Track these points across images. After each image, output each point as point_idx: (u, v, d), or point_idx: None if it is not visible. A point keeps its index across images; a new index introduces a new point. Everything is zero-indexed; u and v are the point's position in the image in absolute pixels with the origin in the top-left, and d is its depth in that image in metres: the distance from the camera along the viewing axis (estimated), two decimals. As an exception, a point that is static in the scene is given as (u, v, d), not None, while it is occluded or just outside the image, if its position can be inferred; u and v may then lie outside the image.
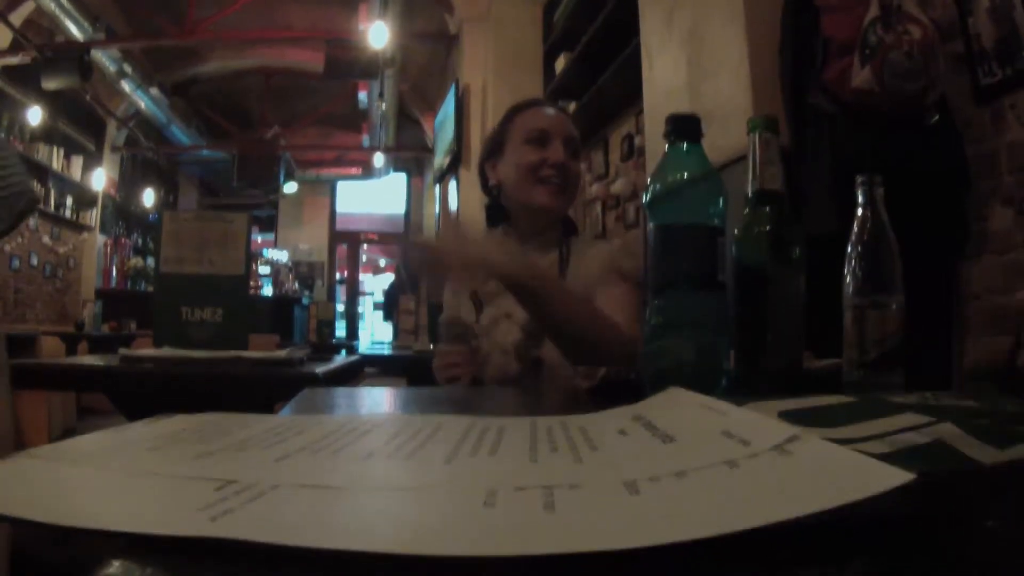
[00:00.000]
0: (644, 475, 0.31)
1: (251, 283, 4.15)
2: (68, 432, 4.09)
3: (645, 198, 0.73)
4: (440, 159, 7.03)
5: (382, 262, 11.91)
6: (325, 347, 3.94)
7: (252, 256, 3.18)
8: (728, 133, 2.21)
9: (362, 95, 8.04)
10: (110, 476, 0.34)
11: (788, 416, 0.47)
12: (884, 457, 0.36)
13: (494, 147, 1.43)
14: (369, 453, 0.40)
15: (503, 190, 1.40)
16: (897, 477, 0.26)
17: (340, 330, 9.55)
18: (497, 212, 1.44)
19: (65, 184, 7.58)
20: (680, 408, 0.47)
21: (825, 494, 0.25)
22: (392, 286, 6.16)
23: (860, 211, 0.75)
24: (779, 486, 0.29)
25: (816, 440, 0.33)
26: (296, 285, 9.48)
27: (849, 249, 0.75)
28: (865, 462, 0.29)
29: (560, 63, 4.42)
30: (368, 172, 10.50)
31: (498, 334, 1.33)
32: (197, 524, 0.25)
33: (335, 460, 0.38)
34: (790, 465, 0.31)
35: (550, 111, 1.42)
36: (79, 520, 0.26)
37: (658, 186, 0.72)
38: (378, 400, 0.85)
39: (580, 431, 0.45)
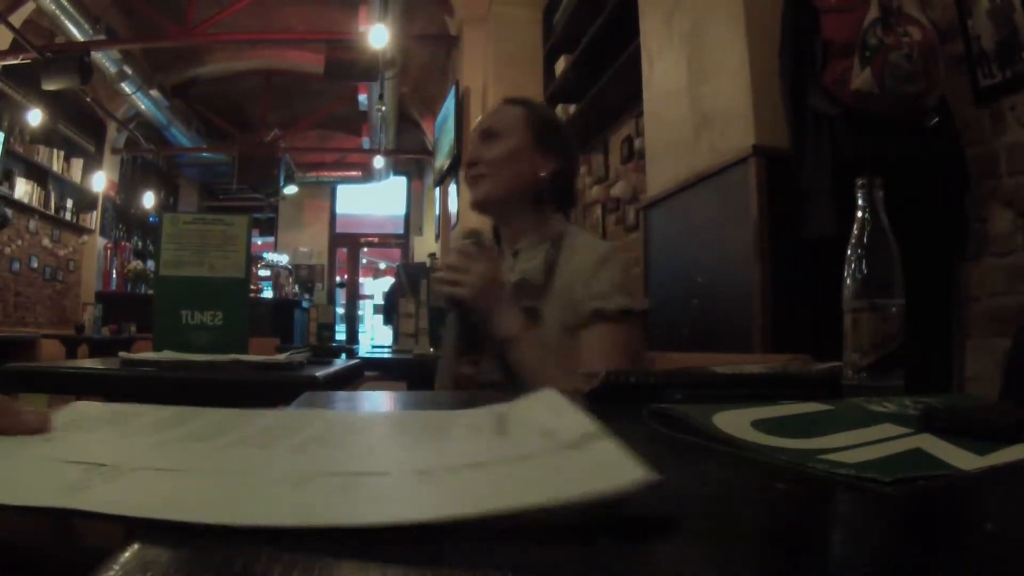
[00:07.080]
0: (443, 465, 0.35)
1: (251, 286, 4.14)
2: (68, 435, 4.08)
3: None
4: (440, 161, 7.03)
5: (382, 265, 11.91)
6: (325, 350, 3.94)
7: (252, 259, 3.18)
8: (728, 135, 2.21)
9: (362, 97, 8.05)
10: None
11: (762, 425, 0.47)
12: (861, 467, 0.35)
13: None
14: (226, 443, 0.43)
15: None
16: (643, 475, 0.27)
17: (340, 333, 9.53)
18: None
19: (65, 186, 7.58)
20: (539, 408, 0.47)
21: (573, 486, 0.28)
22: (392, 289, 6.15)
23: (860, 213, 0.75)
24: (540, 478, 0.32)
25: (606, 441, 0.34)
26: (296, 288, 9.47)
27: (849, 251, 0.75)
28: (624, 461, 0.30)
29: (560, 65, 4.41)
30: (368, 175, 10.50)
31: None
32: (58, 497, 0.29)
33: (190, 447, 0.42)
34: (569, 461, 0.33)
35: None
36: None
37: None
38: (375, 402, 0.85)
39: (437, 427, 0.48)
